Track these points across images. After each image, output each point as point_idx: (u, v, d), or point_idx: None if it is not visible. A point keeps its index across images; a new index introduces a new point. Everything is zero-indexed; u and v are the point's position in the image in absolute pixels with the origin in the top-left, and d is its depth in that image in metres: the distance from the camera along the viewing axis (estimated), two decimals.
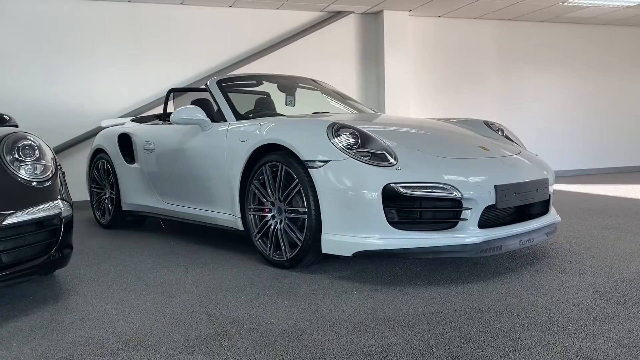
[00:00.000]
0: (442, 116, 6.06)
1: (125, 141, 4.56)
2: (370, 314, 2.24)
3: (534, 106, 8.70)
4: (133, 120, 4.96)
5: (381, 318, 2.19)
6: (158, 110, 5.87)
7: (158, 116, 5.00)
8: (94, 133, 5.91)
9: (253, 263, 3.20)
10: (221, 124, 3.55)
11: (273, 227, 3.06)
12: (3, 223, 2.34)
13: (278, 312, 2.30)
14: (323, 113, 4.06)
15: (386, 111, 7.47)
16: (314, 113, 4.06)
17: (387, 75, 7.58)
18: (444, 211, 2.71)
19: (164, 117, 4.42)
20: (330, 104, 4.42)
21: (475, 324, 2.09)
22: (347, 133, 2.83)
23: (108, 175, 4.70)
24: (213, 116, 3.67)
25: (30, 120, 5.96)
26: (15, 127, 3.07)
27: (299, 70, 6.69)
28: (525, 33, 8.60)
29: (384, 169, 2.66)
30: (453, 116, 5.52)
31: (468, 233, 2.66)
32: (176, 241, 4.01)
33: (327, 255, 2.84)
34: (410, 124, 3.46)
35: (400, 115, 7.03)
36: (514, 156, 3.16)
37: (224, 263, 3.24)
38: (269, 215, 3.10)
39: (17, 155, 2.60)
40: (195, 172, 3.68)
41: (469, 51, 8.31)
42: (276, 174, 3.01)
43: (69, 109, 6.51)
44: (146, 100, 6.75)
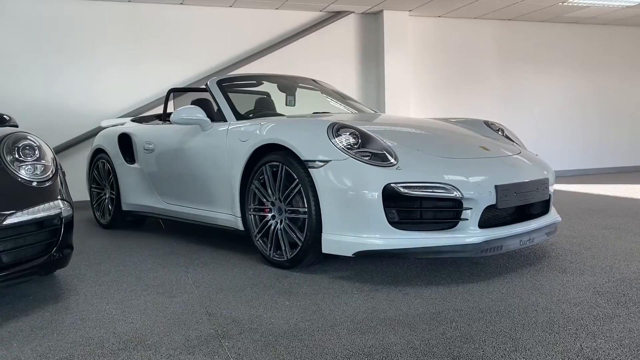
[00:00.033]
0: (442, 116, 6.05)
1: (125, 141, 4.56)
2: (370, 314, 2.24)
3: (534, 106, 8.70)
4: (133, 120, 4.96)
5: (382, 318, 2.19)
6: (158, 110, 5.87)
7: (158, 116, 5.00)
8: (94, 133, 5.91)
9: (253, 263, 3.20)
10: (221, 124, 3.55)
11: (273, 227, 3.06)
12: (3, 223, 2.34)
13: (278, 312, 2.30)
14: (323, 113, 4.06)
15: (386, 111, 7.46)
16: (314, 113, 4.06)
17: (387, 75, 7.58)
18: (445, 211, 2.71)
19: (164, 117, 4.42)
20: (330, 104, 4.42)
21: (475, 324, 2.09)
22: (348, 133, 2.83)
23: (108, 175, 4.70)
24: (213, 116, 3.67)
25: (30, 120, 5.96)
26: (15, 127, 3.07)
27: (299, 70, 6.69)
28: (525, 33, 8.60)
29: (384, 169, 2.66)
30: (453, 116, 5.51)
31: (468, 233, 2.66)
32: (176, 241, 4.01)
33: (328, 255, 2.84)
34: (410, 124, 3.46)
35: (400, 115, 7.03)
36: (514, 156, 3.16)
37: (224, 263, 3.24)
38: (269, 215, 3.10)
39: (17, 155, 2.59)
40: (195, 172, 3.68)
41: (469, 51, 8.30)
42: (276, 174, 3.00)
43: (69, 109, 6.51)
44: (146, 100, 6.75)
